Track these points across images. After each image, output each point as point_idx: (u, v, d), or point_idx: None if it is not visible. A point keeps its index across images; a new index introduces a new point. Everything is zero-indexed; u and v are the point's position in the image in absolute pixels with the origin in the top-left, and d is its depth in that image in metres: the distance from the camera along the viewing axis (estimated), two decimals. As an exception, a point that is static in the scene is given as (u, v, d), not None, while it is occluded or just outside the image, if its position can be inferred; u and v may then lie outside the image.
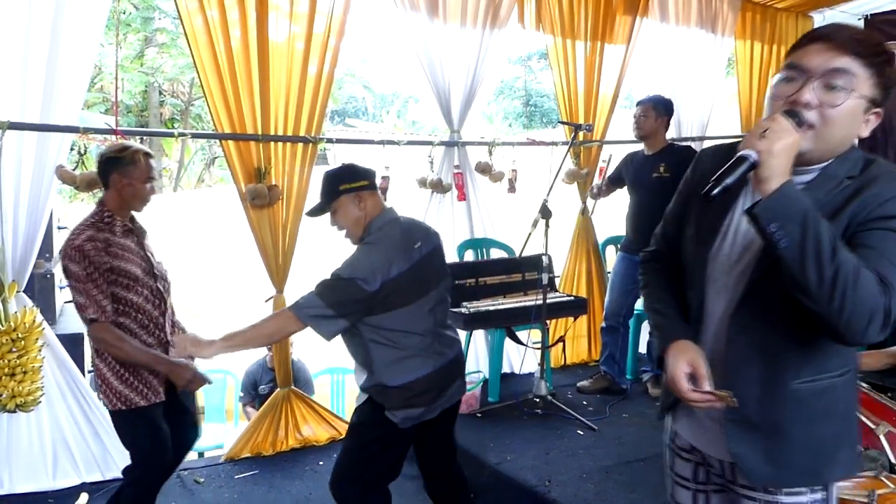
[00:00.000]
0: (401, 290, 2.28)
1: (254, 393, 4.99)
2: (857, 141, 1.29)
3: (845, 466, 1.37)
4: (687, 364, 1.32)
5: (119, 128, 3.29)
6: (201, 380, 2.55)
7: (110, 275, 2.38)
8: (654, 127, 3.91)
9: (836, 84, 1.19)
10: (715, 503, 1.52)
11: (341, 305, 2.22)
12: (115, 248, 2.41)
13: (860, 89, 1.20)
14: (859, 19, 5.57)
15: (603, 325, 4.18)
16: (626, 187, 4.15)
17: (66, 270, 2.36)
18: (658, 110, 3.90)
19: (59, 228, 3.98)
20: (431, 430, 2.48)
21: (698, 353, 1.34)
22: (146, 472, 2.49)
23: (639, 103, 3.99)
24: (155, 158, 2.59)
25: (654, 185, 3.87)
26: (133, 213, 2.56)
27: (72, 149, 3.23)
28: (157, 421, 2.49)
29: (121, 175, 2.43)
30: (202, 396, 5.32)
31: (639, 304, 4.18)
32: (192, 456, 4.68)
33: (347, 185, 2.34)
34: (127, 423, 2.48)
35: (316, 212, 2.46)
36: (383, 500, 2.46)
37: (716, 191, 1.17)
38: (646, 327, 4.28)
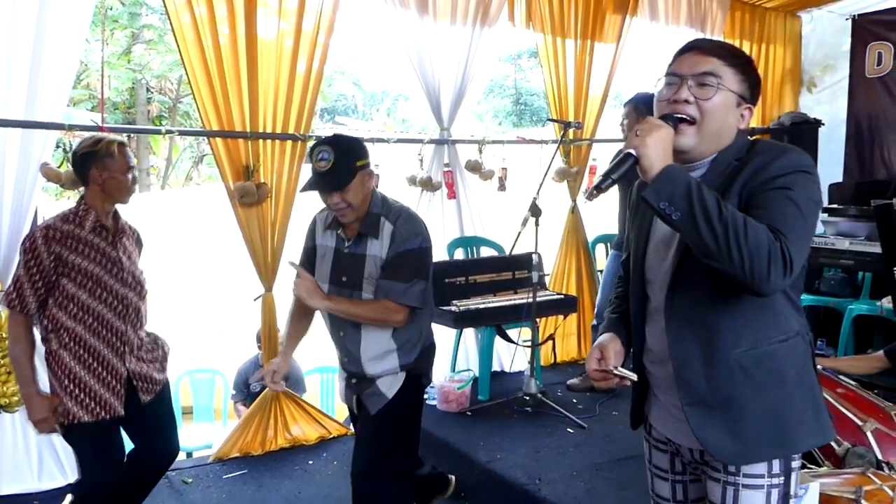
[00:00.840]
0: None
1: (245, 391, 4.96)
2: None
3: (815, 435, 1.44)
4: (597, 350, 1.56)
5: (105, 125, 3.26)
6: (49, 428, 2.36)
7: (60, 266, 2.31)
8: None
9: (706, 82, 1.39)
10: (692, 493, 1.60)
11: (428, 271, 2.31)
12: (76, 243, 2.34)
13: (727, 85, 1.40)
14: (847, 19, 5.60)
15: (594, 322, 4.18)
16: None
17: (29, 250, 2.30)
18: (638, 110, 3.87)
19: (44, 226, 3.94)
20: None
21: (610, 342, 1.57)
22: (91, 492, 2.39)
23: (624, 105, 3.98)
24: (129, 148, 2.50)
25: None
26: (117, 209, 2.48)
27: (57, 146, 3.19)
28: (104, 438, 2.39)
29: (100, 169, 2.36)
30: (191, 396, 5.30)
31: None
32: (179, 456, 4.66)
33: (363, 161, 2.23)
34: (72, 437, 2.40)
35: (336, 184, 2.17)
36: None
37: (604, 184, 1.35)
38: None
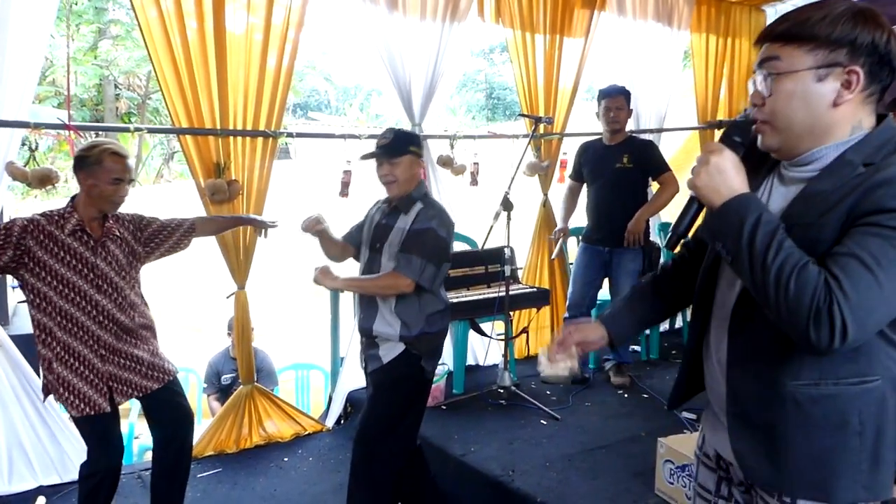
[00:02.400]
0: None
1: (217, 384, 4.95)
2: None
3: (864, 489, 1.21)
4: (574, 332, 1.52)
5: (72, 123, 3.21)
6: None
7: (28, 261, 2.35)
8: (627, 119, 3.97)
9: (766, 71, 1.21)
10: None
11: (441, 258, 2.55)
12: (52, 244, 2.38)
13: (791, 66, 1.17)
14: (809, 14, 5.72)
15: (566, 315, 4.22)
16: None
17: None
18: (629, 102, 3.97)
19: (10, 226, 3.88)
20: None
21: (590, 328, 1.53)
22: (90, 474, 2.52)
23: (609, 95, 3.95)
24: (128, 157, 2.53)
25: (618, 175, 3.93)
26: (108, 214, 2.53)
27: (23, 144, 3.14)
28: (100, 429, 2.50)
29: (86, 174, 2.42)
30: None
31: (601, 295, 4.24)
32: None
33: (415, 148, 2.62)
34: (77, 425, 2.57)
35: (388, 153, 2.56)
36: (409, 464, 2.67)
37: (671, 241, 1.28)
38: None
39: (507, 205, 3.64)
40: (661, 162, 4.00)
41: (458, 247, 4.41)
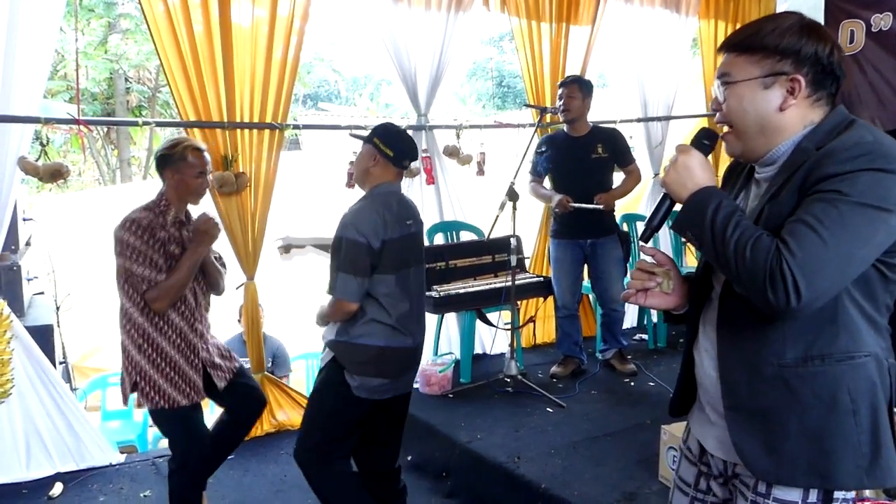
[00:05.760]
0: (389, 255, 2.40)
1: None
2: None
3: (866, 475, 1.24)
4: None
5: (83, 117, 3.26)
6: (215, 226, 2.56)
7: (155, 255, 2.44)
8: (583, 108, 3.90)
9: (722, 82, 1.31)
10: None
11: (364, 269, 2.36)
12: (162, 234, 2.46)
13: (741, 75, 1.28)
14: (820, -2, 5.66)
15: (560, 315, 4.14)
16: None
17: (121, 243, 2.39)
18: (584, 91, 3.90)
19: (24, 220, 3.93)
20: (382, 416, 2.54)
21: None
22: (184, 466, 2.59)
23: (562, 84, 3.96)
24: (206, 151, 2.61)
25: (595, 164, 3.92)
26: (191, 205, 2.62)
27: (35, 139, 3.20)
28: (195, 420, 2.60)
29: (173, 171, 2.51)
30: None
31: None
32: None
33: (378, 140, 2.48)
34: (167, 421, 2.58)
35: (359, 137, 2.60)
36: (348, 478, 2.52)
37: (649, 235, 1.37)
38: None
39: (512, 195, 3.65)
40: (630, 152, 4.07)
41: (465, 236, 4.44)
